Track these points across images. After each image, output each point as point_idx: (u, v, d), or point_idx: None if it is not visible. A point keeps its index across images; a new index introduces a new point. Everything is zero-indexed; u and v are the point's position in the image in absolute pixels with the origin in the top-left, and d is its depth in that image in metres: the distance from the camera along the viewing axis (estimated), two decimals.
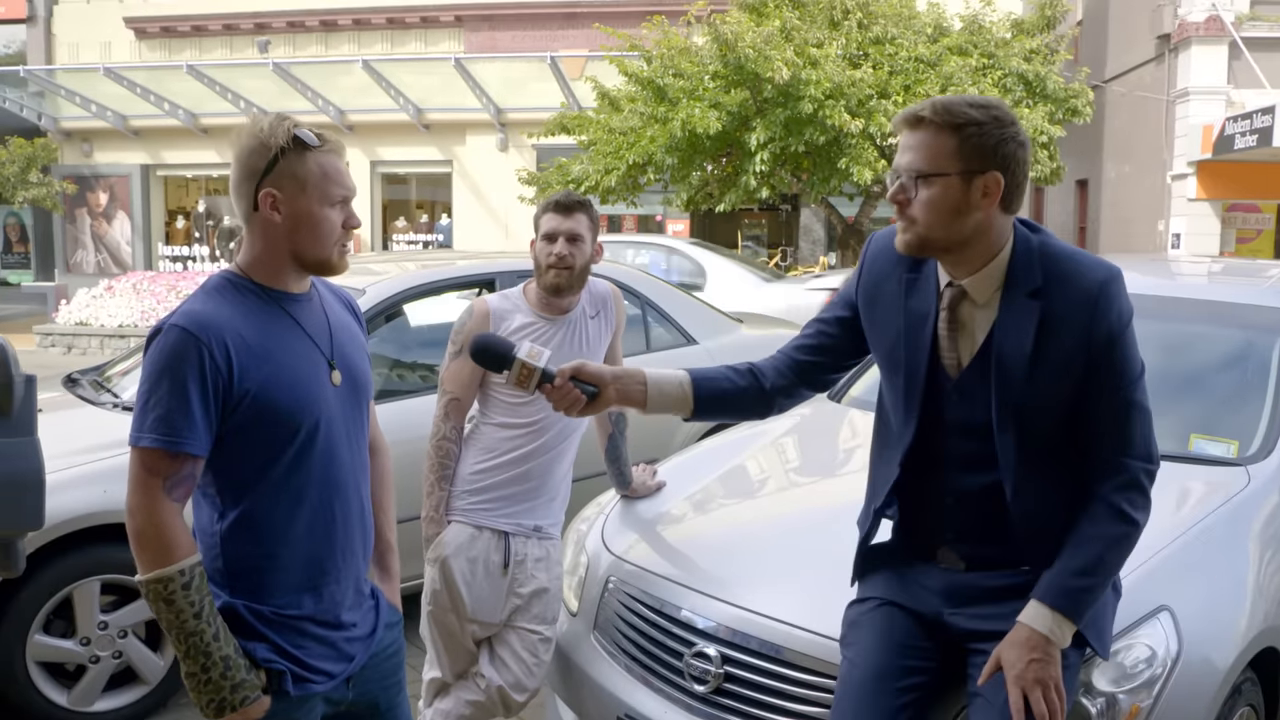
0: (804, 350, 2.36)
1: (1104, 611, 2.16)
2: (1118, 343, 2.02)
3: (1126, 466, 2.03)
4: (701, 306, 6.09)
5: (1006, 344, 2.05)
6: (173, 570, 1.82)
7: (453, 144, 20.42)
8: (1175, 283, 4.26)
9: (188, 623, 1.83)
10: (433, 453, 2.99)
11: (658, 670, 2.68)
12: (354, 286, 4.64)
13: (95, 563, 3.71)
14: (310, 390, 1.98)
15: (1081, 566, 2.02)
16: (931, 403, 2.16)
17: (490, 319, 2.98)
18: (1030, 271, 2.04)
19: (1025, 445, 2.07)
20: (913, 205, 2.00)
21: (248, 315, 1.93)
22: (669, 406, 2.27)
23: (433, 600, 2.99)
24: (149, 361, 1.86)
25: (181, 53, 20.97)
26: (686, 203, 14.35)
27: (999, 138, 1.96)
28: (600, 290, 3.17)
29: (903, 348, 2.17)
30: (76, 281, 19.75)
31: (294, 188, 1.93)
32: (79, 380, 4.91)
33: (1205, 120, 15.51)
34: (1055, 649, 2.00)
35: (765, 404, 2.36)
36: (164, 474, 1.83)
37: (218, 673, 1.86)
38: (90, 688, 3.77)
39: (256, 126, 1.95)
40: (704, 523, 3.23)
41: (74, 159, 21.76)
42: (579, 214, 2.99)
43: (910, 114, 2.01)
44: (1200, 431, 3.16)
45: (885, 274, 2.24)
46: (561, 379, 2.15)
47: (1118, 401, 2.03)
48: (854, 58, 12.93)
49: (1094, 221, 19.91)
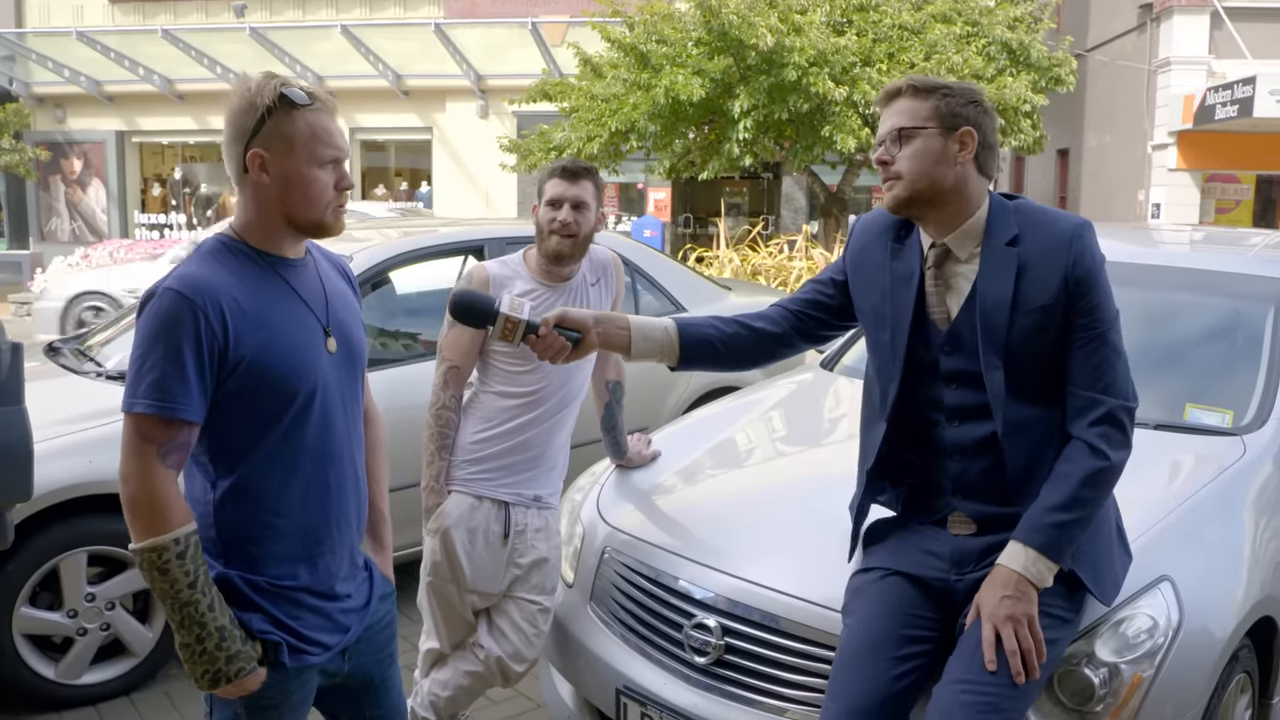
0: (801, 304, 2.44)
1: (1106, 559, 2.20)
2: (1093, 285, 2.12)
3: (1102, 403, 2.11)
4: (690, 274, 6.06)
5: (989, 291, 2.16)
6: (167, 539, 1.79)
7: (432, 111, 20.21)
8: (1165, 251, 4.26)
9: (182, 592, 1.80)
10: (432, 421, 2.95)
11: (656, 642, 2.67)
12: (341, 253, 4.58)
13: (82, 534, 3.66)
14: (306, 357, 1.94)
15: (1055, 503, 2.08)
16: (924, 360, 2.23)
17: (490, 285, 2.94)
18: (1006, 224, 2.19)
19: (1013, 384, 2.14)
20: (897, 161, 2.16)
21: (243, 280, 1.89)
22: (653, 353, 2.30)
23: (432, 571, 2.97)
24: (143, 326, 1.81)
25: (156, 17, 20.61)
26: (669, 170, 14.24)
27: (968, 100, 2.17)
28: (601, 257, 3.13)
29: (888, 304, 2.27)
30: (51, 250, 19.50)
31: (282, 148, 1.88)
32: (60, 349, 4.83)
33: (1186, 90, 15.53)
34: (1029, 586, 2.05)
35: (754, 352, 2.41)
36: (159, 441, 1.79)
37: (213, 643, 1.83)
38: (78, 660, 3.73)
39: (245, 86, 1.90)
40: (700, 492, 3.21)
41: (47, 125, 21.41)
42: (585, 180, 2.96)
43: (890, 89, 2.21)
44: (1195, 401, 3.17)
45: (872, 240, 2.36)
46: (545, 328, 2.18)
47: (1095, 341, 2.12)
48: (838, 25, 12.83)
49: (1074, 191, 19.95)
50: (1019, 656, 2.00)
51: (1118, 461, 2.11)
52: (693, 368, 2.38)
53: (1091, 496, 2.08)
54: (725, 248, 13.46)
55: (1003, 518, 2.19)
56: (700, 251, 13.65)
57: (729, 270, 12.40)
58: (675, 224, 20.11)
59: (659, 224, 17.04)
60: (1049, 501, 2.09)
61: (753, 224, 16.41)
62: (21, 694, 3.69)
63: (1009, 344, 2.13)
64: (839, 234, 13.94)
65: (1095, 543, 2.18)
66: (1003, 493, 2.19)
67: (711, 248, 13.93)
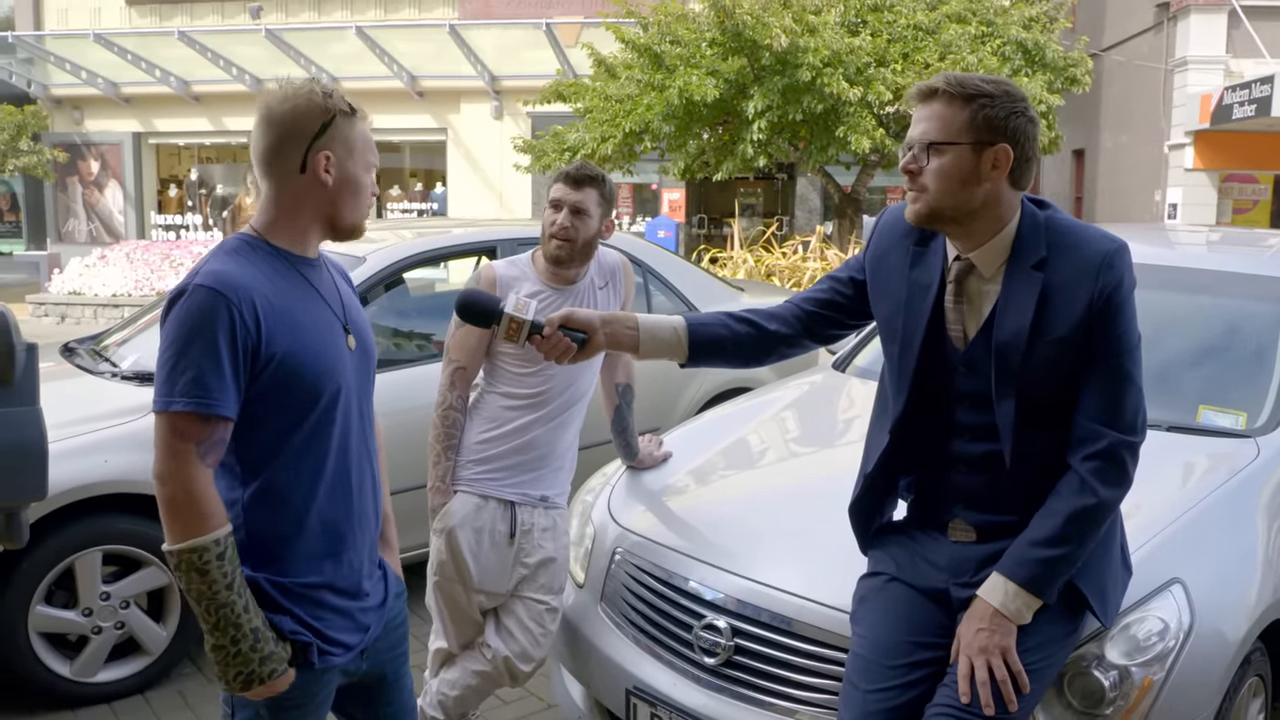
0: (815, 304, 2.38)
1: (1111, 579, 2.17)
2: (1117, 312, 2.03)
3: (1103, 437, 2.03)
4: (703, 275, 6.07)
5: (1008, 316, 2.07)
6: (208, 540, 1.78)
7: (447, 112, 20.22)
8: (1180, 252, 4.24)
9: (220, 594, 1.80)
10: (439, 422, 2.96)
11: (666, 642, 2.67)
12: (354, 254, 4.61)
13: (97, 533, 3.68)
14: (331, 355, 1.96)
15: (1040, 538, 2.04)
16: (938, 375, 2.17)
17: (497, 285, 2.94)
18: (1036, 244, 2.07)
19: (1024, 414, 2.08)
20: (924, 174, 2.04)
21: (271, 277, 1.90)
22: (662, 351, 2.27)
23: (439, 571, 2.98)
24: (175, 323, 1.80)
25: (173, 19, 20.69)
26: (683, 171, 14.23)
27: (1010, 111, 2.01)
28: (610, 261, 3.13)
29: (901, 317, 2.20)
30: (69, 251, 19.60)
31: (344, 152, 1.94)
32: (76, 349, 4.87)
33: (1203, 90, 15.43)
34: (1005, 620, 2.02)
35: (765, 350, 2.37)
36: (197, 438, 1.79)
37: (247, 645, 1.83)
38: (93, 658, 3.76)
39: (299, 89, 1.92)
40: (711, 494, 3.22)
41: (65, 127, 21.51)
42: (588, 188, 2.94)
43: (924, 87, 2.06)
44: (1208, 403, 3.15)
45: (893, 244, 2.26)
46: (550, 328, 2.16)
47: (1110, 371, 2.04)
48: (852, 25, 12.81)
49: (1090, 191, 19.86)
50: (989, 687, 1.98)
51: (1107, 499, 2.04)
52: (702, 365, 2.36)
53: (1077, 533, 2.03)
54: (739, 248, 13.45)
55: (1003, 526, 2.16)
56: (714, 252, 13.65)
57: (743, 271, 12.39)
58: (690, 225, 20.09)
59: (673, 225, 17.03)
60: (1035, 535, 2.04)
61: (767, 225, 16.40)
62: (37, 691, 3.72)
63: (1024, 373, 2.06)
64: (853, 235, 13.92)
65: (1103, 562, 2.15)
66: (1005, 504, 2.15)
67: (726, 248, 13.93)
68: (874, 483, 2.31)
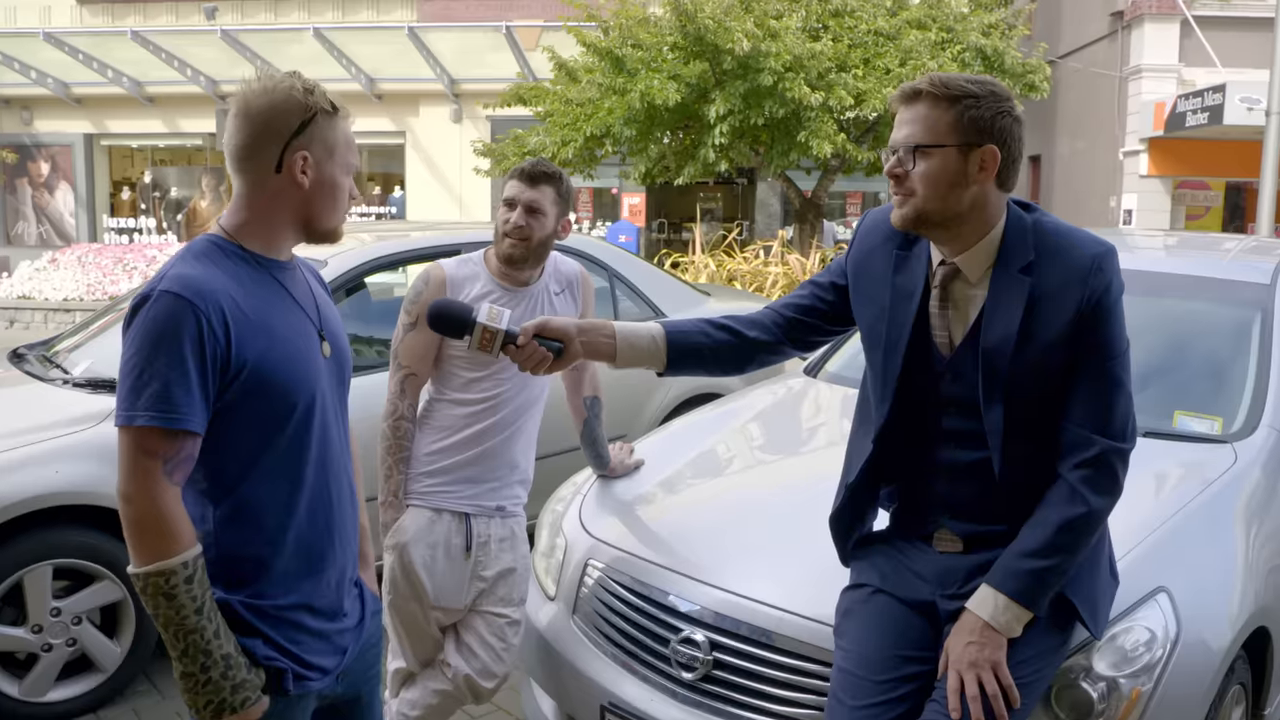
0: (795, 310, 2.33)
1: (1101, 590, 2.13)
2: (1106, 316, 1.99)
3: (1093, 444, 1.99)
4: (669, 279, 6.01)
5: (995, 321, 2.02)
6: (175, 563, 1.67)
7: (406, 115, 20.07)
8: (1145, 257, 4.24)
9: (188, 619, 1.69)
10: (389, 432, 2.85)
11: (642, 657, 2.60)
12: (315, 258, 4.50)
13: (47, 547, 3.54)
14: (306, 363, 1.85)
15: (1030, 548, 1.99)
16: (923, 381, 2.13)
17: (447, 286, 2.84)
18: (1023, 247, 2.03)
19: (1013, 421, 2.03)
20: (910, 178, 1.99)
21: (240, 282, 1.79)
22: (639, 360, 2.21)
23: (392, 589, 2.87)
24: (139, 332, 1.69)
25: (125, 18, 20.37)
26: (644, 175, 14.22)
27: (996, 111, 1.97)
28: (568, 270, 3.04)
29: (884, 323, 2.14)
30: (18, 254, 19.19)
31: (323, 152, 1.84)
32: (25, 355, 4.71)
33: (1157, 98, 15.66)
34: (995, 633, 1.97)
35: (744, 358, 2.32)
36: (163, 455, 1.68)
37: (218, 672, 1.72)
38: (43, 677, 3.62)
39: (281, 84, 1.82)
40: (685, 502, 3.15)
41: (13, 127, 21.10)
42: (544, 185, 2.83)
43: (909, 89, 2.01)
44: (1183, 408, 3.14)
45: (875, 247, 2.21)
46: (525, 338, 2.10)
47: (1099, 376, 2.00)
48: (814, 30, 12.87)
49: (1046, 197, 20.07)
50: (979, 703, 1.93)
51: (1098, 508, 2.00)
52: (680, 373, 2.31)
53: (1068, 543, 1.98)
54: (701, 253, 13.43)
55: (991, 536, 2.11)
56: (675, 257, 13.62)
57: (705, 276, 12.37)
58: (649, 229, 20.07)
59: (634, 229, 17.00)
60: (1024, 546, 2.00)
61: (727, 230, 16.40)
62: None
63: (1011, 380, 2.01)
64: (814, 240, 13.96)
65: (1092, 572, 2.11)
66: (993, 513, 2.11)
67: (687, 253, 13.90)
68: (856, 493, 2.26)
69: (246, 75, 1.90)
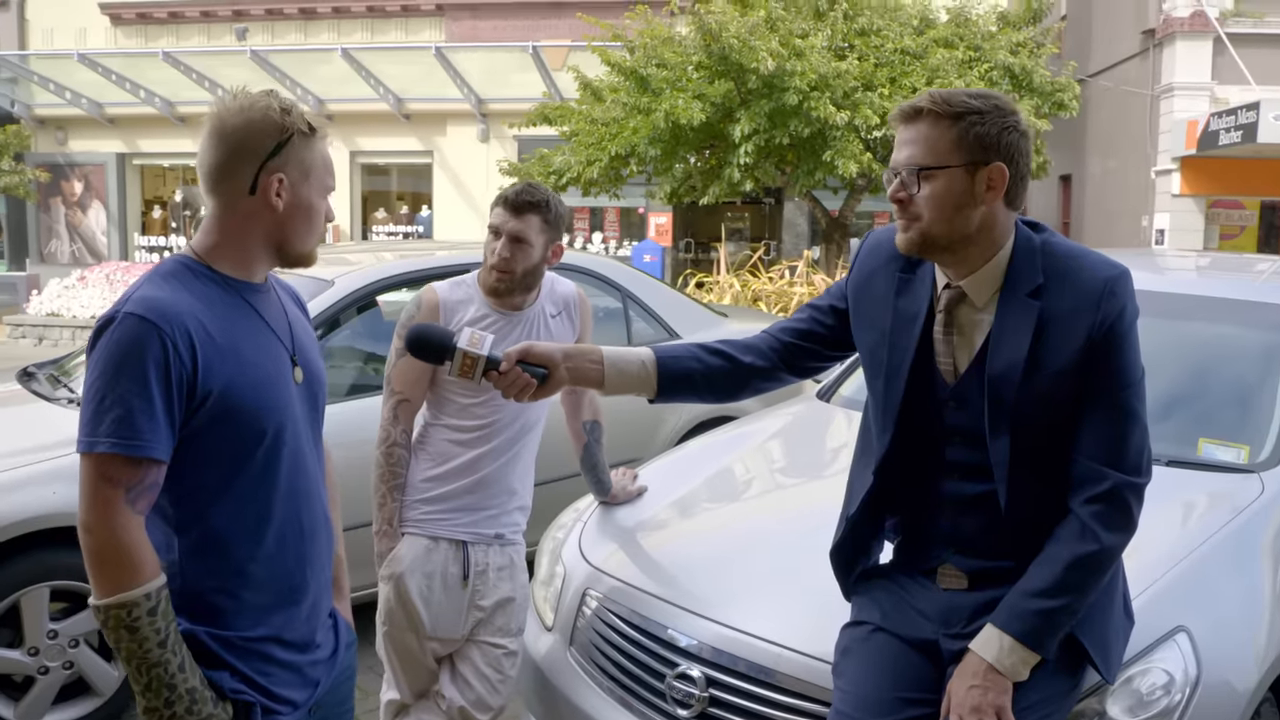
0: (793, 334, 2.23)
1: (1114, 631, 2.01)
2: (1119, 343, 1.89)
3: (1106, 478, 1.88)
4: (684, 299, 5.93)
5: (1002, 348, 1.92)
6: (138, 594, 1.62)
7: (433, 134, 20.13)
8: (1173, 278, 4.11)
9: (151, 652, 1.63)
10: (382, 460, 2.78)
11: (638, 691, 2.51)
12: (322, 278, 4.46)
13: (44, 568, 3.50)
14: (276, 389, 1.80)
15: (1038, 588, 1.88)
16: (926, 410, 2.03)
17: (440, 310, 2.77)
18: (1031, 270, 1.93)
19: (1020, 451, 1.93)
20: (915, 202, 1.89)
21: (209, 304, 1.74)
22: (629, 386, 2.12)
23: (388, 619, 2.79)
24: (102, 355, 1.64)
25: (158, 40, 20.60)
26: (669, 195, 14.16)
27: (1001, 126, 1.87)
28: (564, 292, 2.96)
29: (885, 349, 2.05)
30: (50, 272, 19.40)
31: (299, 175, 1.79)
32: (35, 374, 4.70)
33: (1190, 116, 15.43)
34: (1000, 677, 1.86)
35: (738, 385, 2.21)
36: (125, 483, 1.62)
37: (183, 706, 1.66)
38: (39, 700, 3.56)
39: (256, 103, 1.77)
40: (687, 532, 3.05)
41: (48, 147, 21.35)
42: (529, 215, 2.74)
43: (908, 107, 1.91)
44: (1208, 436, 3.01)
45: (877, 269, 2.12)
46: (508, 364, 2.01)
47: (1111, 406, 1.90)
48: (839, 49, 12.77)
49: (1078, 217, 19.84)
50: None
51: (1111, 545, 1.89)
52: (672, 400, 2.22)
53: (1078, 582, 1.87)
54: (725, 273, 13.34)
55: (997, 572, 2.00)
56: (700, 277, 13.54)
57: (729, 296, 12.27)
58: (677, 249, 20.00)
59: (659, 249, 16.94)
60: (1032, 585, 1.89)
61: (754, 249, 16.30)
62: None
63: (1019, 409, 1.91)
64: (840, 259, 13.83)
65: (1105, 611, 1.99)
66: (999, 548, 2.00)
67: (713, 273, 13.82)
68: (857, 526, 2.15)
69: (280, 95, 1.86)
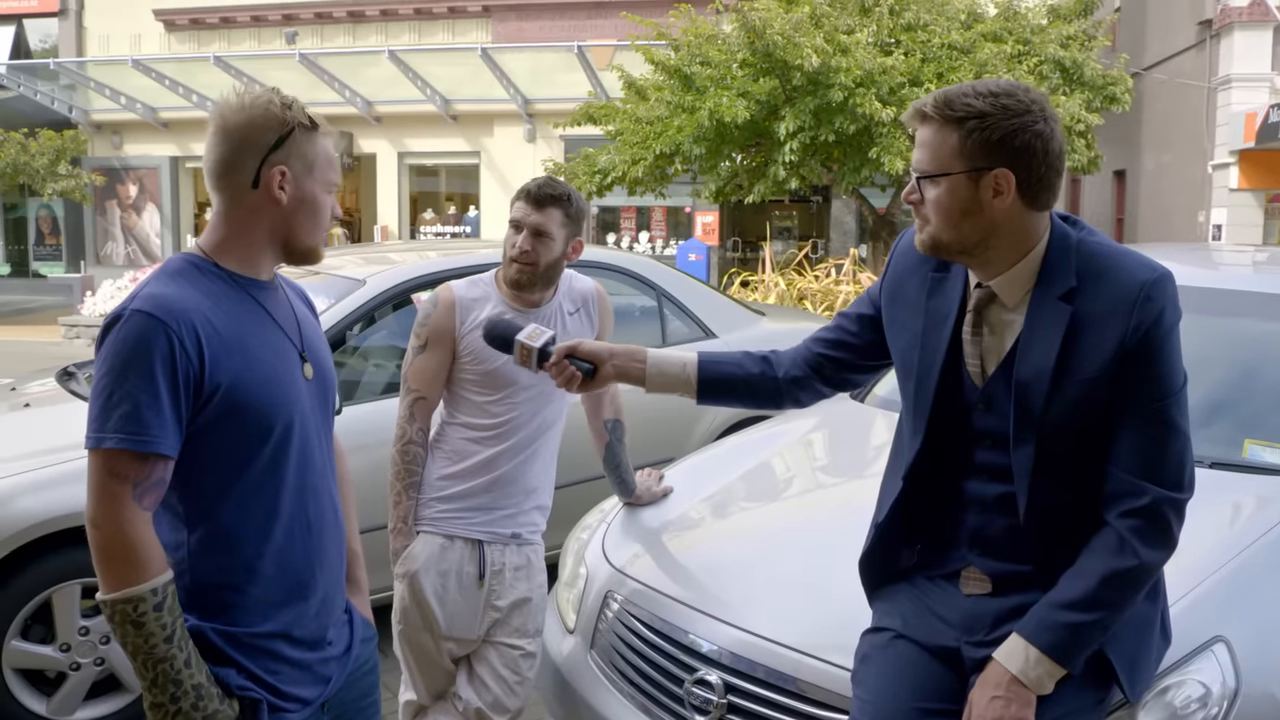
0: (823, 344, 2.18)
1: (1145, 648, 1.92)
2: (1156, 351, 1.79)
3: (1145, 492, 1.79)
4: (721, 298, 5.87)
5: (1030, 353, 1.84)
6: (144, 589, 1.63)
7: (480, 135, 20.25)
8: (1224, 273, 3.98)
9: (157, 648, 1.64)
10: (398, 458, 2.77)
11: (657, 697, 2.46)
12: (354, 277, 4.46)
13: (76, 566, 3.54)
14: (284, 385, 1.80)
15: (1069, 600, 1.80)
16: (954, 412, 1.96)
17: (456, 308, 2.76)
18: (1064, 271, 1.84)
19: (1045, 457, 1.85)
20: (925, 205, 1.84)
21: (217, 301, 1.75)
22: (670, 387, 2.16)
23: (403, 619, 2.78)
24: (110, 352, 1.66)
25: (210, 45, 20.92)
26: (715, 194, 14.10)
27: (1006, 130, 1.75)
28: (582, 288, 2.93)
29: (916, 350, 1.98)
30: (106, 273, 19.78)
31: (302, 168, 1.80)
32: (75, 374, 4.75)
33: (1248, 108, 15.05)
34: (1024, 689, 1.78)
35: (777, 396, 2.19)
36: (133, 479, 1.64)
37: (188, 703, 1.67)
38: (71, 696, 3.61)
39: (258, 99, 1.79)
40: (711, 534, 3.00)
41: (104, 151, 21.77)
42: (551, 208, 2.72)
43: (916, 108, 1.84)
44: (1255, 437, 2.90)
45: (910, 271, 2.05)
46: (557, 356, 2.12)
47: (1149, 417, 1.80)
48: (885, 45, 12.62)
49: (1132, 213, 19.48)
50: None
51: (1150, 562, 1.80)
52: (714, 403, 2.25)
53: (1112, 598, 1.79)
54: (771, 271, 13.25)
55: (1021, 576, 1.92)
56: (745, 275, 13.46)
57: (774, 295, 12.18)
58: (724, 247, 19.92)
59: (705, 248, 16.88)
60: (1063, 596, 1.80)
61: (801, 248, 16.18)
62: None
63: (1046, 417, 1.83)
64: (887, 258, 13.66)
65: (1140, 629, 1.90)
66: (1023, 552, 1.92)
67: (759, 272, 13.73)
68: (887, 533, 2.08)
69: (325, 98, 1.87)
